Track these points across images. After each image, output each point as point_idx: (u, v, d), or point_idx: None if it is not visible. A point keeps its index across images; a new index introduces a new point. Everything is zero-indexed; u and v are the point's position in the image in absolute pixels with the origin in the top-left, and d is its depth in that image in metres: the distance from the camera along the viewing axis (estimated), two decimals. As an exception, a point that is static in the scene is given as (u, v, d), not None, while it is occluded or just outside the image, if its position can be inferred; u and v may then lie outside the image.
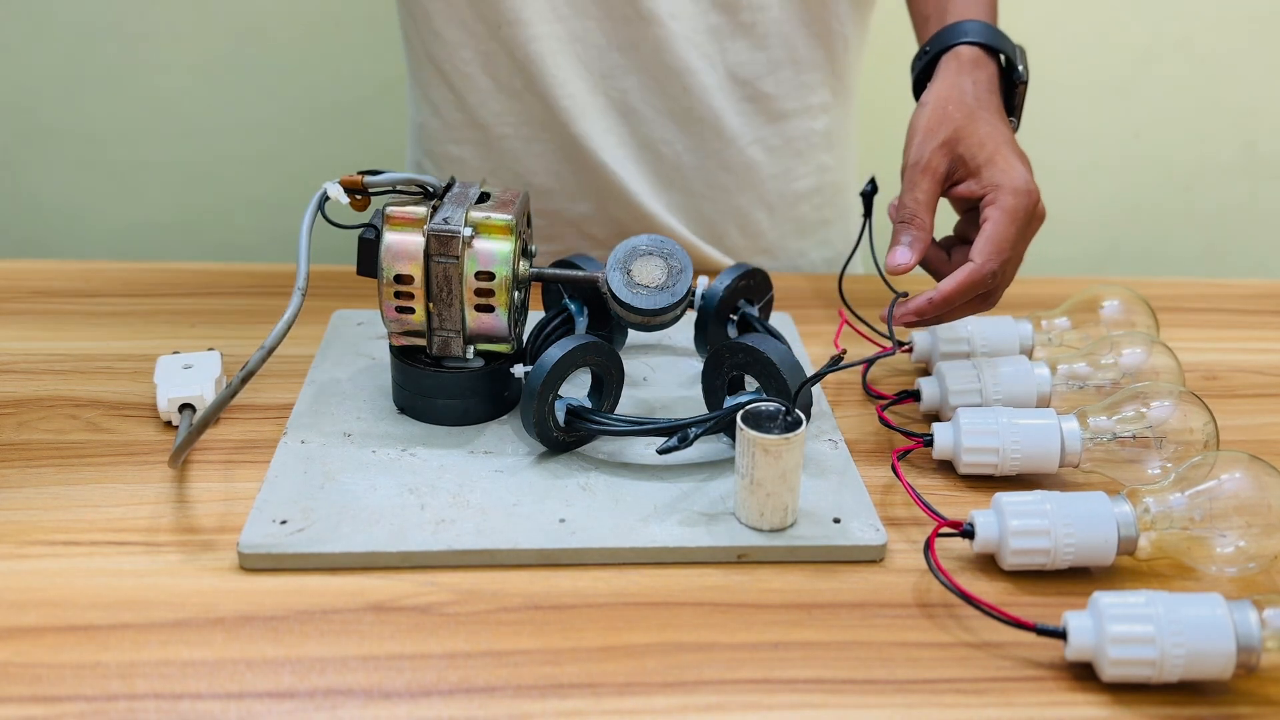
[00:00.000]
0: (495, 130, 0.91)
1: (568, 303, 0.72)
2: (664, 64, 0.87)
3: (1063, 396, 0.69)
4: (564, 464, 0.63)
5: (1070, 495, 0.56)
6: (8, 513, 0.58)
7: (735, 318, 0.73)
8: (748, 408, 0.57)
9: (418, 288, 0.63)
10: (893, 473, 0.62)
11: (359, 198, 0.65)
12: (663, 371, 0.75)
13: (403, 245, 0.63)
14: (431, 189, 0.65)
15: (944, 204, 0.72)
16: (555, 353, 0.61)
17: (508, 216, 0.63)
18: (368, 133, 1.42)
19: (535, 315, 0.75)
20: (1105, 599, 0.50)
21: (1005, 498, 0.56)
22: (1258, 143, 1.53)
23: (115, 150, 1.44)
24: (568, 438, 0.64)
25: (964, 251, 0.69)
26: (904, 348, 0.75)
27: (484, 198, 0.65)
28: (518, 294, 0.65)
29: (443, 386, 0.66)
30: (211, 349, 0.72)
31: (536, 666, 0.50)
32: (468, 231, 0.62)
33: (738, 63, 0.88)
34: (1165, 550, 0.55)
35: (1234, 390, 0.78)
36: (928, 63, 0.76)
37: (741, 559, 0.57)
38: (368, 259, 0.64)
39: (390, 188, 0.65)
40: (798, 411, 0.57)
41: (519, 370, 0.63)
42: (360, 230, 0.64)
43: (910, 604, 0.55)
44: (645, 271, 0.65)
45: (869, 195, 0.76)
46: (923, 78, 0.77)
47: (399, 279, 0.63)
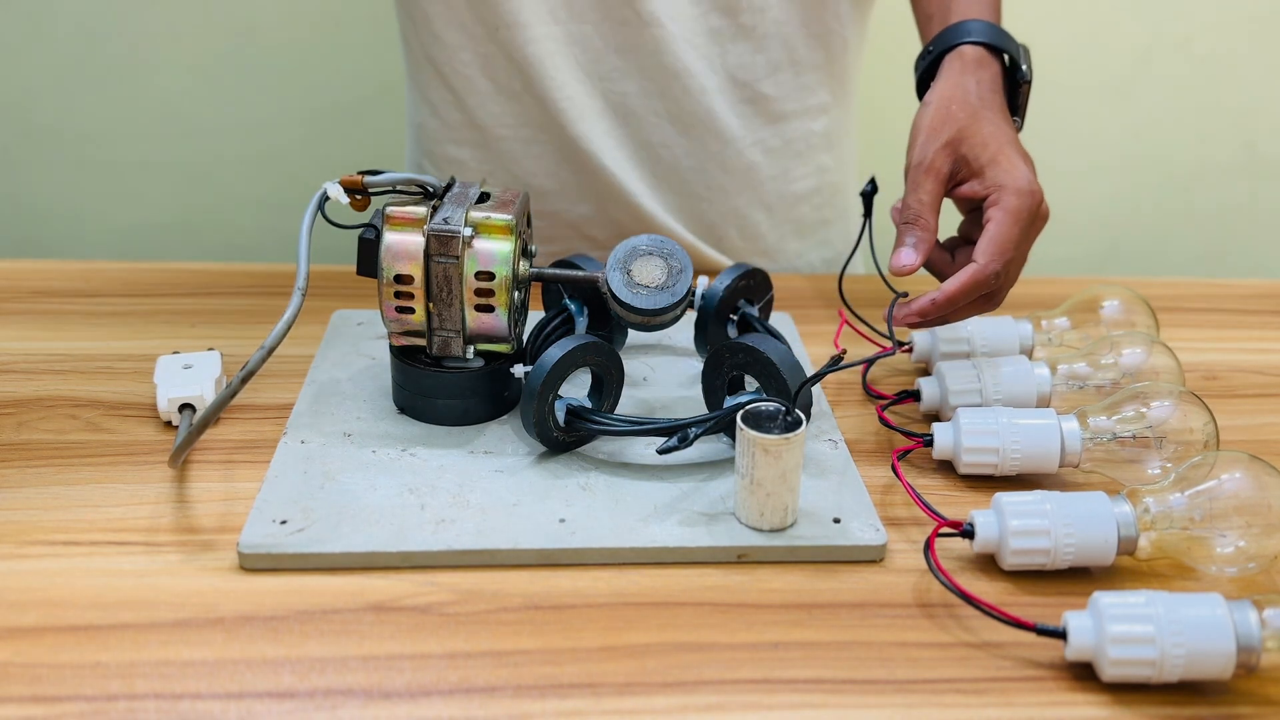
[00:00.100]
0: (494, 131, 0.91)
1: (568, 303, 0.72)
2: (663, 66, 0.87)
3: (1063, 396, 0.68)
4: (564, 464, 0.63)
5: (1070, 495, 0.56)
6: (8, 513, 0.58)
7: (735, 318, 0.73)
8: (748, 408, 0.57)
9: (418, 288, 0.63)
10: (893, 473, 0.62)
11: (359, 198, 0.65)
12: (663, 371, 0.75)
13: (403, 245, 0.63)
14: (431, 189, 0.65)
15: (948, 205, 0.72)
16: (555, 353, 0.61)
17: (508, 216, 0.63)
18: (367, 133, 1.42)
19: (535, 315, 0.75)
20: (1105, 599, 0.50)
21: (1005, 498, 0.56)
22: (1258, 143, 1.53)
23: (115, 150, 1.44)
24: (568, 438, 0.64)
25: (967, 252, 0.69)
26: (904, 348, 0.75)
27: (484, 198, 0.65)
28: (518, 294, 0.65)
29: (443, 386, 0.66)
30: (211, 349, 0.72)
31: (536, 666, 0.50)
32: (468, 231, 0.62)
33: (737, 64, 0.88)
34: (1165, 550, 0.55)
35: (1234, 390, 0.78)
36: (931, 62, 0.76)
37: (741, 559, 0.57)
38: (368, 259, 0.64)
39: (390, 188, 0.65)
40: (798, 411, 0.57)
41: (519, 370, 0.63)
42: (360, 230, 0.64)
43: (910, 604, 0.55)
44: (645, 271, 0.65)
45: (869, 195, 0.76)
46: (926, 77, 0.77)
47: (399, 279, 0.63)
